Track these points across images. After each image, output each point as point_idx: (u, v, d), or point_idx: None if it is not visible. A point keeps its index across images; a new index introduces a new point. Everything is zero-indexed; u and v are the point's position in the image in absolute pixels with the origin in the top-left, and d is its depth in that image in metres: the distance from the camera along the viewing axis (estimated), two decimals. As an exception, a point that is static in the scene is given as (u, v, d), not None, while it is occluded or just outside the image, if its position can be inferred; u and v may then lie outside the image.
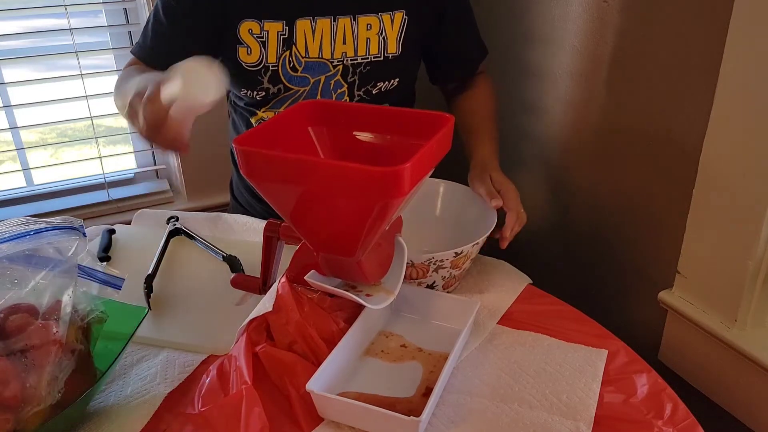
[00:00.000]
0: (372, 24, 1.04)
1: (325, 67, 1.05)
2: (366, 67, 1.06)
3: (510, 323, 0.87)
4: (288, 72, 1.05)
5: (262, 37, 1.02)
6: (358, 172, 0.63)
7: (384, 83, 1.09)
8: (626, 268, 1.16)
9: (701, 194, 0.96)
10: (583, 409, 0.71)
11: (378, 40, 1.05)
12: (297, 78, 1.06)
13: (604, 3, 1.09)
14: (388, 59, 1.07)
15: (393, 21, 1.05)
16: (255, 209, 1.22)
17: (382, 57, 1.06)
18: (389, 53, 1.07)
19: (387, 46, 1.06)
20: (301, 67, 1.05)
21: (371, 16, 1.04)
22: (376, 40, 1.05)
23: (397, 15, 1.05)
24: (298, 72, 1.05)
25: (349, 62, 1.05)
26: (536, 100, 1.30)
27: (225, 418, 0.69)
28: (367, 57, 1.05)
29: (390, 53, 1.07)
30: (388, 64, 1.07)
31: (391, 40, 1.06)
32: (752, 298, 0.93)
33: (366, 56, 1.05)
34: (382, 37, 1.05)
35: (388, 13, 1.04)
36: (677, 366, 1.05)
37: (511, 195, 0.95)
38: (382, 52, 1.06)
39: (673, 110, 1.00)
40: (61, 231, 0.71)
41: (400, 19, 1.05)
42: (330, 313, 0.80)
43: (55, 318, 0.67)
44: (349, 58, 1.05)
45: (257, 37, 1.02)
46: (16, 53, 1.55)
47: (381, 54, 1.06)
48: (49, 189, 1.65)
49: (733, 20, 0.86)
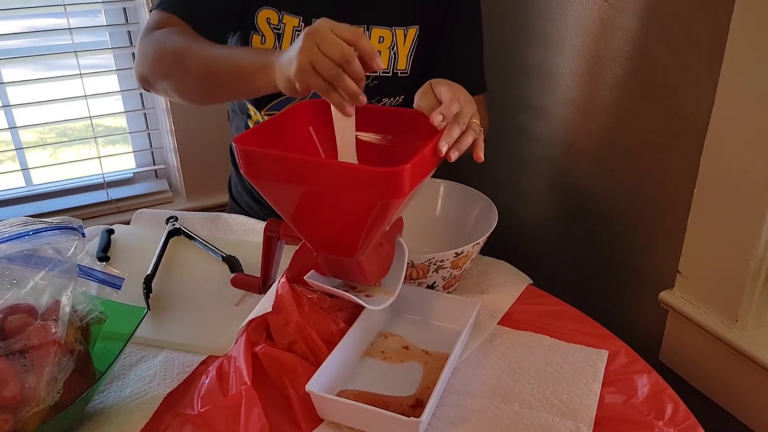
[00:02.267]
0: (384, 37, 1.02)
1: None
2: (374, 81, 1.05)
3: (510, 324, 0.87)
4: None
5: (278, 29, 1.00)
6: (358, 172, 0.63)
7: (390, 99, 1.08)
8: (627, 268, 1.16)
9: (702, 194, 0.96)
10: (584, 410, 0.71)
11: (389, 54, 1.04)
12: None
13: (605, 3, 1.09)
14: (397, 76, 1.06)
15: (406, 37, 1.03)
16: (254, 211, 1.22)
17: (390, 73, 1.05)
18: (398, 69, 1.05)
19: (397, 62, 1.05)
20: None
21: (385, 29, 1.02)
22: (386, 54, 1.03)
23: (410, 30, 1.03)
24: None
25: None
26: (536, 99, 1.30)
27: (224, 419, 0.69)
28: (376, 71, 1.05)
29: (399, 70, 1.05)
30: (397, 81, 1.06)
31: (402, 57, 1.05)
32: (753, 298, 0.92)
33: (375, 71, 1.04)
34: (393, 51, 1.04)
35: (402, 28, 1.03)
36: (678, 366, 1.05)
37: (449, 96, 0.75)
38: (392, 68, 1.05)
39: (674, 110, 1.00)
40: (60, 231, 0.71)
41: (413, 36, 1.04)
42: (330, 314, 0.80)
43: (54, 318, 0.66)
44: None
45: (274, 28, 1.00)
46: (16, 53, 1.55)
47: (390, 70, 1.05)
48: (48, 189, 1.65)
49: (734, 20, 0.86)
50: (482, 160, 0.76)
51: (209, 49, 0.88)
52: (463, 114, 0.74)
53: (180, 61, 0.89)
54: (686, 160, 0.98)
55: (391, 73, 1.05)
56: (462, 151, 0.73)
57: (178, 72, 0.90)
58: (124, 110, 1.66)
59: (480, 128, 0.77)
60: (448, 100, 0.74)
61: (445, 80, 0.79)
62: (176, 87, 0.92)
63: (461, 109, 0.74)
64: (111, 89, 1.63)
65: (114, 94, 1.64)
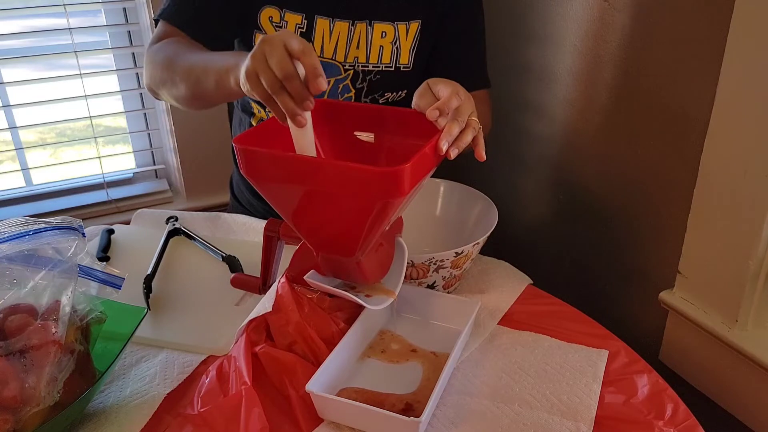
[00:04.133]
0: (387, 32, 1.03)
1: (337, 70, 1.05)
2: (376, 75, 1.06)
3: (510, 323, 0.87)
4: None
5: (280, 27, 1.01)
6: (358, 171, 0.63)
7: (392, 94, 1.09)
8: (627, 268, 1.16)
9: (702, 194, 0.96)
10: (584, 410, 0.71)
11: (391, 49, 1.04)
12: None
13: (605, 2, 1.09)
14: (399, 70, 1.06)
15: (408, 31, 1.04)
16: (255, 208, 1.22)
17: (393, 67, 1.06)
18: (401, 64, 1.06)
19: (399, 57, 1.05)
20: None
21: (387, 24, 1.03)
22: (389, 49, 1.04)
23: (412, 25, 1.04)
24: None
25: (360, 68, 1.05)
26: (536, 99, 1.30)
27: (224, 419, 0.69)
28: (378, 65, 1.05)
29: (402, 64, 1.06)
30: (399, 76, 1.07)
31: (404, 51, 1.05)
32: (753, 298, 0.92)
33: (378, 64, 1.05)
34: (396, 46, 1.04)
35: (404, 23, 1.04)
36: (678, 366, 1.05)
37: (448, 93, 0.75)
38: (394, 63, 1.05)
39: (674, 110, 1.00)
40: (60, 231, 0.71)
41: (415, 30, 1.04)
42: (330, 314, 0.79)
43: (54, 318, 0.66)
44: (360, 64, 1.05)
45: (276, 26, 1.01)
46: (16, 53, 1.54)
47: (392, 64, 1.05)
48: (48, 189, 1.65)
49: (734, 19, 0.86)
50: (484, 158, 0.76)
51: (192, 55, 0.91)
52: (462, 111, 0.74)
53: (170, 70, 0.92)
54: (686, 160, 0.98)
55: (393, 68, 1.06)
56: (461, 148, 0.73)
57: (170, 80, 0.93)
58: (124, 110, 1.66)
59: (479, 126, 0.77)
60: (447, 96, 0.74)
61: (442, 79, 0.79)
62: (172, 95, 0.96)
63: (460, 104, 0.74)
64: (111, 89, 1.63)
65: (114, 94, 1.64)
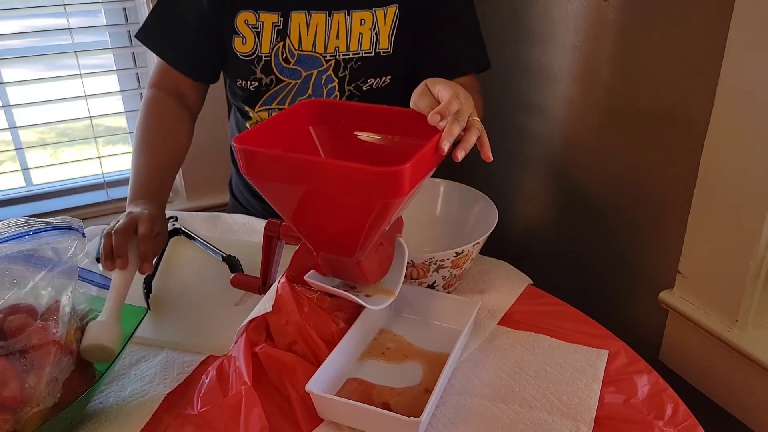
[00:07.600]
0: (365, 19, 1.04)
1: (318, 62, 1.06)
2: (357, 62, 1.06)
3: (510, 323, 0.87)
4: (280, 63, 1.05)
5: (257, 28, 1.03)
6: (358, 171, 0.63)
7: (375, 80, 1.09)
8: (627, 268, 1.16)
9: (702, 194, 0.96)
10: (584, 410, 0.71)
11: (370, 35, 1.05)
12: (289, 70, 1.06)
13: (605, 2, 1.09)
14: (380, 55, 1.07)
15: (386, 16, 1.05)
16: (255, 208, 1.22)
17: (373, 53, 1.06)
18: (380, 49, 1.06)
19: (379, 42, 1.06)
20: (293, 59, 1.05)
21: (365, 12, 1.04)
22: (368, 35, 1.05)
23: (390, 9, 1.05)
24: (291, 64, 1.05)
25: (341, 57, 1.06)
26: (536, 99, 1.30)
27: (224, 419, 0.69)
28: (358, 52, 1.05)
29: (381, 49, 1.06)
30: (380, 61, 1.07)
31: (383, 36, 1.06)
32: (753, 298, 0.92)
33: (357, 51, 1.05)
34: (375, 32, 1.05)
35: (382, 8, 1.04)
36: (678, 366, 1.05)
37: (448, 96, 0.74)
38: (374, 48, 1.06)
39: (674, 110, 1.00)
40: (60, 231, 0.71)
41: (392, 14, 1.05)
42: (330, 314, 0.79)
43: (54, 318, 0.66)
44: (341, 53, 1.05)
45: (252, 28, 1.03)
46: (16, 53, 1.55)
47: (372, 50, 1.06)
48: (48, 189, 1.65)
49: (734, 20, 0.86)
50: (491, 159, 0.77)
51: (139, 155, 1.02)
52: (463, 112, 0.74)
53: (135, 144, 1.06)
54: (686, 160, 0.98)
55: (373, 53, 1.06)
56: (468, 150, 0.73)
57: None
58: (124, 110, 1.67)
59: (482, 126, 0.77)
60: (448, 99, 0.74)
61: (440, 79, 0.79)
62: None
63: (461, 106, 0.74)
64: (111, 89, 1.63)
65: (114, 94, 1.64)
